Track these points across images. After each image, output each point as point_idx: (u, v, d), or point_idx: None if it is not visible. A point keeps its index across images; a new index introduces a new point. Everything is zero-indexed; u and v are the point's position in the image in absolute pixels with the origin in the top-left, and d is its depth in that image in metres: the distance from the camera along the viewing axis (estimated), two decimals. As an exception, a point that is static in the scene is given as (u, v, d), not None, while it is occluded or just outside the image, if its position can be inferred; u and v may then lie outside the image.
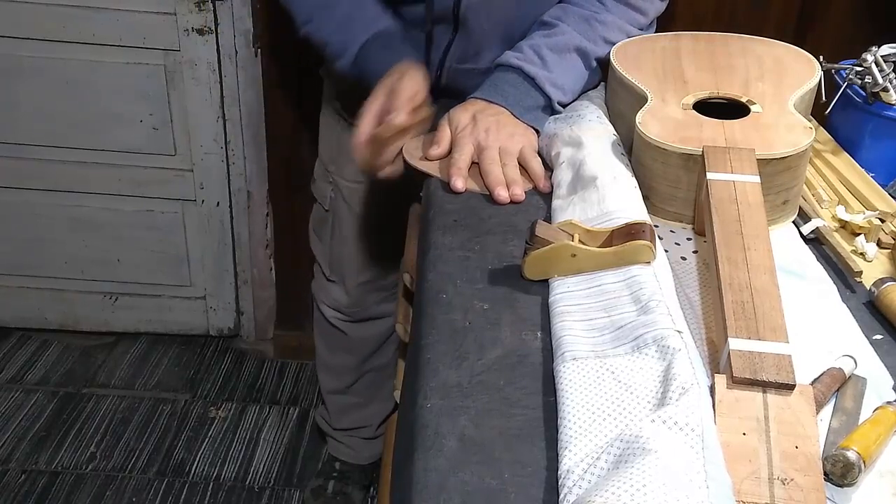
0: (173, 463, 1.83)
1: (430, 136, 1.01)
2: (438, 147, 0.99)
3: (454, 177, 0.94)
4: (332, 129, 1.42)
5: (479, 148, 0.97)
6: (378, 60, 1.07)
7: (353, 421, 1.71)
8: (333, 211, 1.46)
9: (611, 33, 1.09)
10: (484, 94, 1.04)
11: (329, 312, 1.57)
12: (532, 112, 1.03)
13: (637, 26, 1.13)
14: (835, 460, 0.58)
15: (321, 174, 1.47)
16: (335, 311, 1.56)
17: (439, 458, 0.57)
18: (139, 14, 1.73)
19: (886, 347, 0.73)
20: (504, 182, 0.93)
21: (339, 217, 1.45)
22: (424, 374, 0.66)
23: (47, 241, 2.02)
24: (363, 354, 1.62)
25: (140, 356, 2.13)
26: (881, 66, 1.04)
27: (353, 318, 1.56)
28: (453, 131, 1.00)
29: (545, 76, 1.04)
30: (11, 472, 1.77)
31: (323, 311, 1.58)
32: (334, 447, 1.78)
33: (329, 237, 1.49)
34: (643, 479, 0.50)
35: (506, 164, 0.95)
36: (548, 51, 1.05)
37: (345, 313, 1.56)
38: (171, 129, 1.87)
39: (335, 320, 1.57)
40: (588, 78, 1.09)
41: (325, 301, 1.57)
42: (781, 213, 0.89)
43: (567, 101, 1.07)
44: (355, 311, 1.55)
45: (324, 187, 1.46)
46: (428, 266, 0.80)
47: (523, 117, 1.02)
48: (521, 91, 1.03)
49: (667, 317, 0.66)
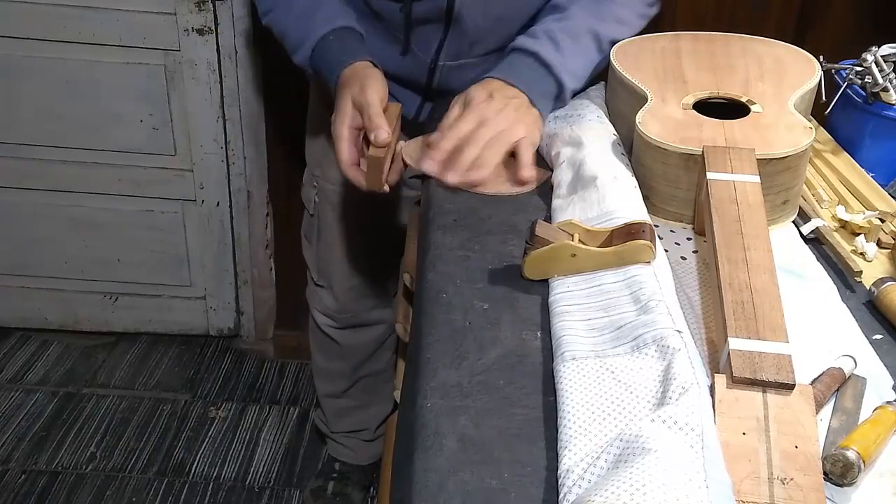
0: (173, 463, 1.83)
1: (426, 137, 1.00)
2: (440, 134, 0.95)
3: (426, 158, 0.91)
4: (318, 133, 1.41)
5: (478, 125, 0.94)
6: (333, 57, 1.05)
7: (351, 424, 1.71)
8: (318, 215, 1.45)
9: (621, 12, 1.07)
10: (501, 73, 1.01)
11: (320, 319, 1.57)
12: (544, 99, 1.01)
13: (646, 3, 1.11)
14: (834, 460, 0.58)
15: (308, 178, 1.46)
16: (326, 317, 1.56)
17: (439, 458, 0.57)
18: (139, 14, 1.73)
19: (886, 347, 0.73)
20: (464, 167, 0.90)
21: (324, 221, 1.45)
22: (424, 373, 0.66)
23: (47, 241, 2.02)
24: (357, 361, 1.62)
25: (140, 356, 2.13)
26: (881, 66, 1.04)
27: (344, 325, 1.56)
28: (467, 104, 0.97)
29: (560, 62, 1.01)
30: (11, 472, 1.77)
31: (315, 318, 1.58)
32: (334, 448, 1.78)
33: (315, 240, 1.49)
34: (643, 478, 0.50)
35: (489, 147, 0.92)
36: (563, 35, 1.03)
37: (335, 319, 1.55)
38: (171, 129, 1.87)
39: (326, 328, 1.57)
40: (600, 62, 1.07)
41: (317, 307, 1.56)
42: (781, 213, 0.89)
43: (577, 88, 1.05)
44: (345, 318, 1.54)
45: (309, 191, 1.46)
46: (428, 266, 0.80)
47: (537, 103, 0.99)
48: (537, 76, 1.01)
49: (667, 316, 0.66)
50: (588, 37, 1.05)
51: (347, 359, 1.61)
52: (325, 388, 1.69)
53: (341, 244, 1.45)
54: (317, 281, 1.53)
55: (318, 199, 1.44)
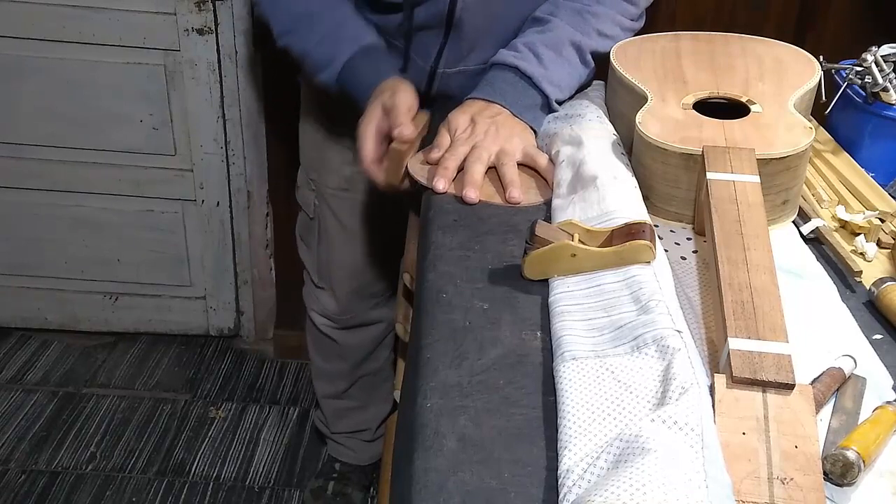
0: (173, 463, 1.83)
1: (426, 151, 1.00)
2: (439, 151, 0.97)
3: (438, 177, 0.91)
4: (313, 138, 1.40)
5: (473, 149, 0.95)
6: (365, 74, 1.06)
7: (351, 424, 1.71)
8: (318, 218, 1.45)
9: (604, 25, 1.08)
10: (482, 93, 1.03)
11: (319, 320, 1.57)
12: (531, 111, 1.02)
13: (629, 17, 1.11)
14: (834, 460, 0.58)
15: (304, 181, 1.46)
16: (325, 318, 1.56)
17: (439, 458, 0.57)
18: (139, 14, 1.73)
19: (886, 347, 0.73)
20: (476, 183, 0.90)
21: (324, 224, 1.45)
22: (424, 373, 0.66)
23: (47, 241, 2.02)
24: (356, 360, 1.62)
25: (140, 356, 2.13)
26: (881, 66, 1.04)
27: (344, 326, 1.56)
28: (452, 135, 0.98)
29: (542, 74, 1.03)
30: (11, 472, 1.77)
31: (313, 319, 1.58)
32: (334, 448, 1.78)
33: (316, 244, 1.48)
34: (643, 478, 0.50)
35: (504, 164, 0.93)
36: (544, 48, 1.04)
37: (334, 320, 1.55)
38: (171, 129, 1.87)
39: (325, 328, 1.57)
40: (583, 74, 1.08)
41: (315, 308, 1.56)
42: (781, 213, 0.89)
43: (563, 98, 1.06)
44: (345, 319, 1.54)
45: (307, 195, 1.45)
46: (428, 266, 0.80)
47: (522, 116, 1.01)
48: (519, 90, 1.02)
49: (666, 316, 0.66)
50: (571, 49, 1.06)
51: (347, 358, 1.62)
52: (325, 389, 1.69)
53: (343, 247, 1.46)
54: (317, 283, 1.52)
55: (317, 202, 1.43)
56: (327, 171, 1.39)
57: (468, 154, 0.94)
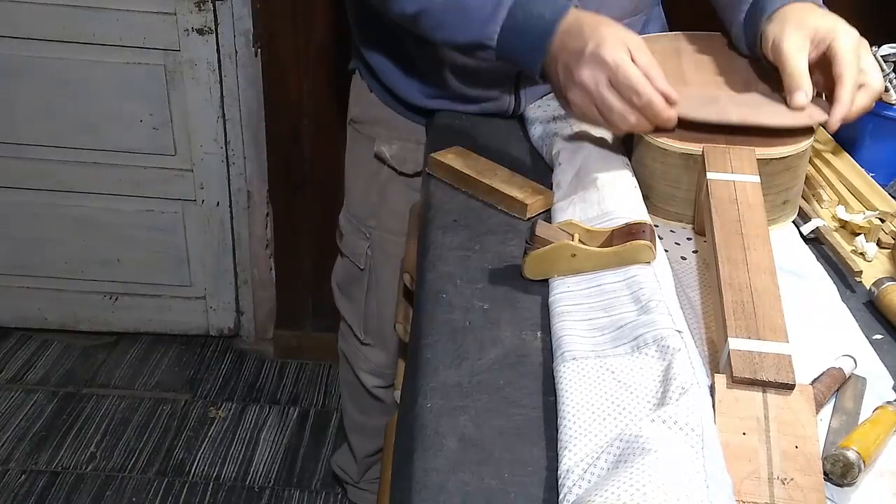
0: (173, 463, 1.83)
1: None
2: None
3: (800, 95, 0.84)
4: (371, 179, 1.25)
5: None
6: (545, 3, 0.91)
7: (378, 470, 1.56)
8: (371, 270, 1.31)
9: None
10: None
11: (370, 381, 1.43)
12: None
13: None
14: (835, 460, 0.58)
15: (352, 229, 1.31)
16: (375, 377, 1.43)
17: (439, 458, 0.57)
18: (139, 14, 1.73)
19: (886, 347, 0.73)
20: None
21: (378, 275, 1.31)
22: (424, 373, 0.66)
23: (47, 241, 2.02)
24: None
25: (140, 356, 2.13)
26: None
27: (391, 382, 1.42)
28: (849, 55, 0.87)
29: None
30: (11, 472, 1.77)
31: (362, 380, 1.44)
32: (356, 495, 1.67)
33: (364, 297, 1.35)
34: (643, 478, 0.50)
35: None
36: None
37: (385, 377, 1.42)
38: (171, 129, 1.87)
39: (376, 389, 1.44)
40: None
41: (364, 367, 1.43)
42: (781, 213, 0.89)
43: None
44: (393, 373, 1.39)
45: (357, 244, 1.31)
46: (428, 266, 0.80)
47: None
48: None
49: (667, 317, 0.66)
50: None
51: (391, 413, 1.45)
52: (364, 446, 1.57)
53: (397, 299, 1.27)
54: (363, 340, 1.39)
55: (370, 251, 1.30)
56: (388, 213, 1.24)
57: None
